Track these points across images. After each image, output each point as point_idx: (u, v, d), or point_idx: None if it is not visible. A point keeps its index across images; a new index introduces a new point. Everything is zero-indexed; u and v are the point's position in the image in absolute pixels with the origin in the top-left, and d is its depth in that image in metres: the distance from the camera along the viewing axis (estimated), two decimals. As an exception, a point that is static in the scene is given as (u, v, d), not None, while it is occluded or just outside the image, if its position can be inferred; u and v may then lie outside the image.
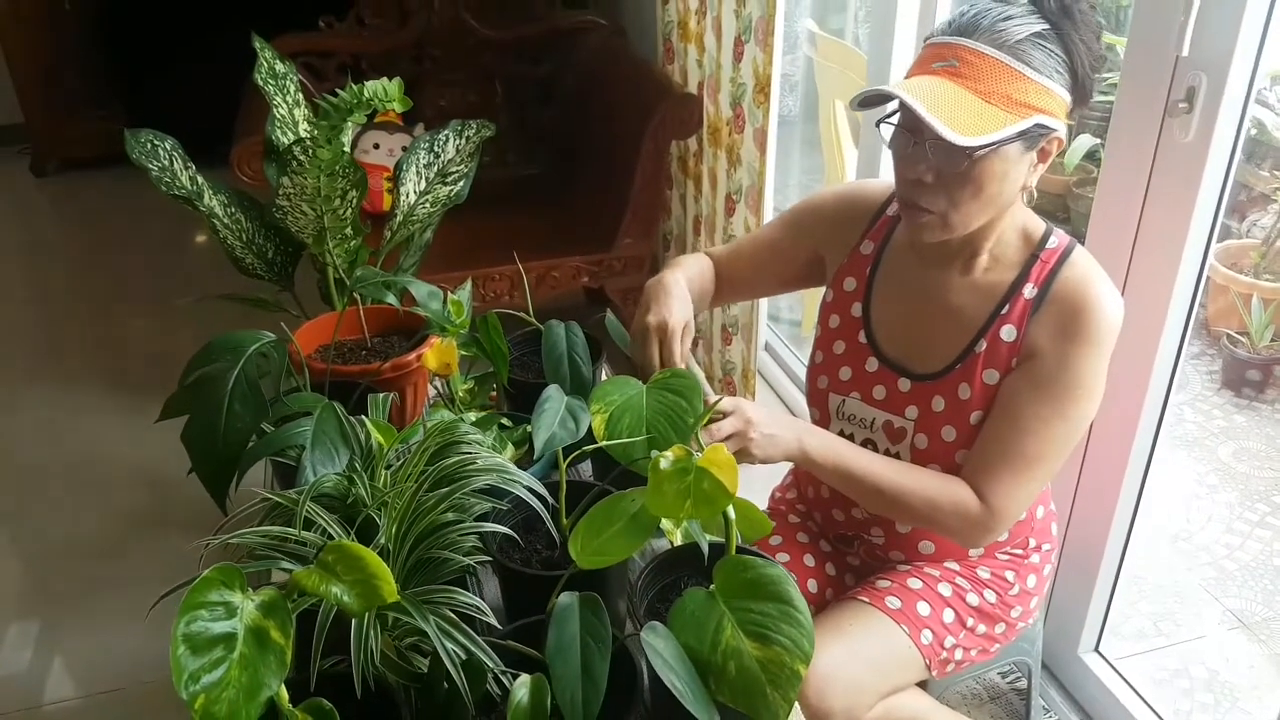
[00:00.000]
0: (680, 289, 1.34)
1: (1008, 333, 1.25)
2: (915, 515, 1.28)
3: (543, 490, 1.08)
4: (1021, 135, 1.13)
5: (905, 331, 1.35)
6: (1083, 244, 1.59)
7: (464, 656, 0.90)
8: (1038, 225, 1.28)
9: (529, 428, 1.39)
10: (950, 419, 1.29)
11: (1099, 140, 3.45)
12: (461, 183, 1.66)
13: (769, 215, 2.23)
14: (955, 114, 1.08)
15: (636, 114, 2.54)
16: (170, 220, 3.91)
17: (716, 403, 1.16)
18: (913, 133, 1.16)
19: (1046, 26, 1.13)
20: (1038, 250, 1.26)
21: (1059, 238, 1.26)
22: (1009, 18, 1.12)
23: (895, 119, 1.19)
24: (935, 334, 1.31)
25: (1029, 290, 1.25)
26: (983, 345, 1.26)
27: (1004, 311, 1.25)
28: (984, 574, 1.40)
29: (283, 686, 0.83)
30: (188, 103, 3.74)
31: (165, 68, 4.23)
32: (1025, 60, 1.11)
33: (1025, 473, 1.23)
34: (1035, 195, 1.23)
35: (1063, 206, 3.79)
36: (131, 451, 2.62)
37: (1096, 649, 1.82)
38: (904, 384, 1.33)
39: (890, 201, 1.40)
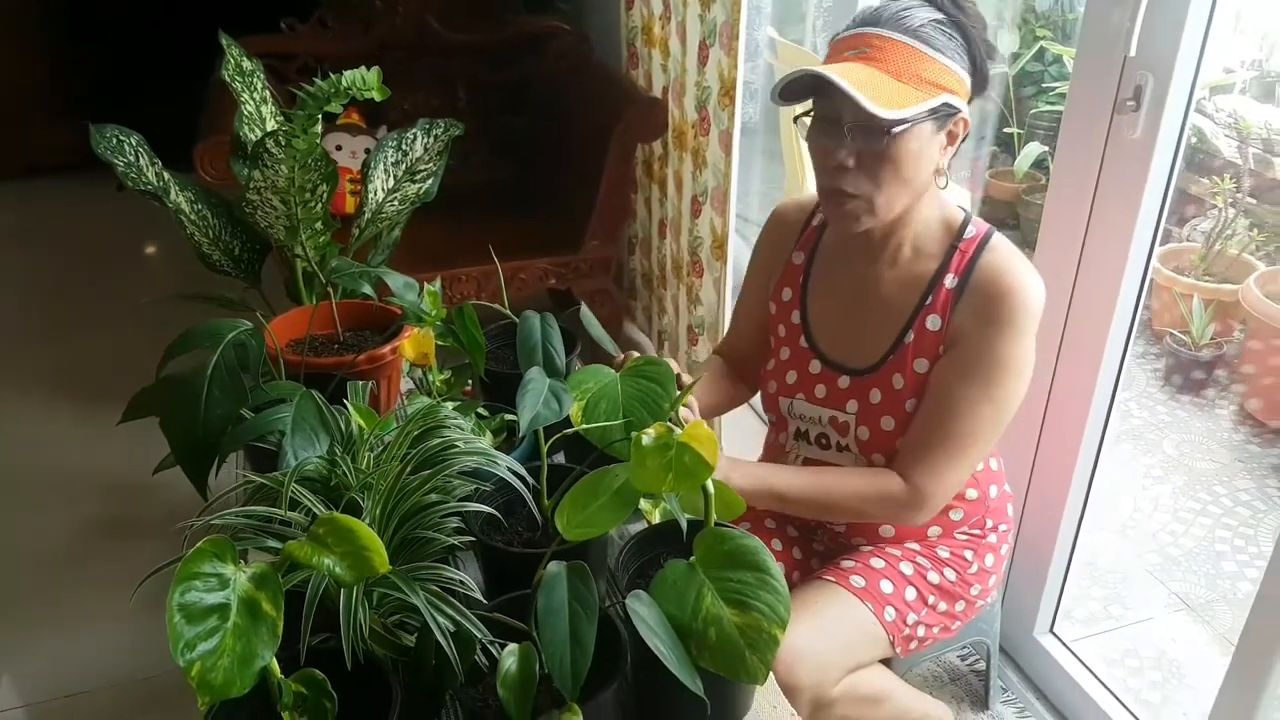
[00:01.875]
0: None
1: (933, 322, 1.31)
2: (848, 512, 1.36)
3: (523, 472, 1.11)
4: (933, 114, 1.20)
5: (841, 330, 1.41)
6: (1034, 247, 1.66)
7: (453, 629, 0.93)
8: (956, 214, 1.34)
9: (506, 417, 1.42)
10: (887, 409, 1.34)
11: (1048, 148, 3.55)
12: (430, 181, 1.68)
13: (734, 217, 2.27)
14: (874, 90, 1.15)
15: (602, 118, 2.56)
16: (128, 229, 3.86)
17: (691, 386, 1.20)
18: (831, 122, 1.22)
19: (943, 15, 1.21)
20: (956, 240, 1.32)
21: (977, 226, 1.33)
22: (908, 8, 1.21)
23: (812, 112, 1.25)
24: (868, 329, 1.37)
25: (950, 280, 1.31)
26: (910, 336, 1.32)
27: (928, 302, 1.32)
28: (944, 553, 1.44)
29: (274, 658, 0.85)
30: (146, 110, 3.69)
31: (123, 75, 4.17)
32: (928, 42, 1.19)
33: (952, 454, 1.29)
34: (949, 180, 1.30)
35: (1013, 214, 3.89)
36: (92, 457, 2.59)
37: (1051, 631, 1.88)
38: (843, 381, 1.39)
39: (815, 212, 1.47)
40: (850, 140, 1.20)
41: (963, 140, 1.27)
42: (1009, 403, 1.29)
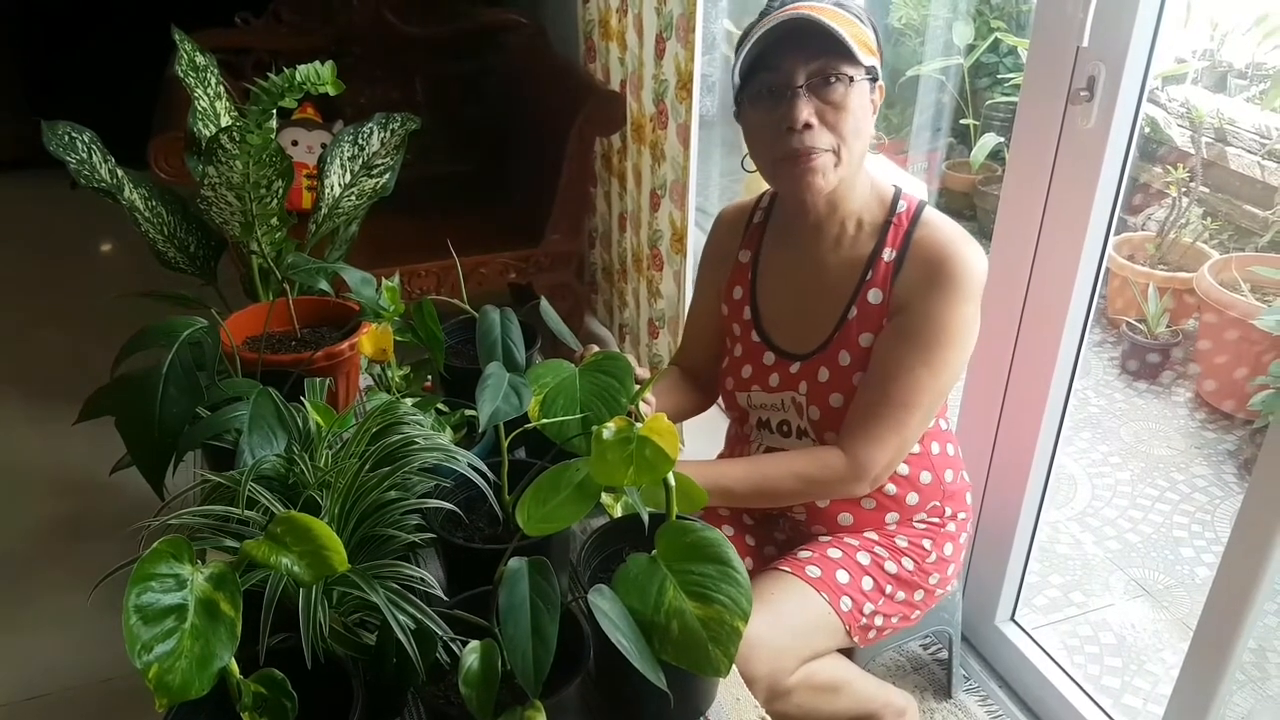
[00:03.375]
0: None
1: (874, 296, 1.34)
2: (793, 494, 1.37)
3: (484, 468, 1.10)
4: (868, 73, 1.24)
5: (791, 320, 1.43)
6: (990, 237, 1.69)
7: (414, 626, 0.92)
8: (888, 189, 1.38)
9: (466, 412, 1.41)
10: (836, 386, 1.36)
11: (1003, 139, 3.58)
12: (387, 175, 1.66)
13: (693, 211, 2.27)
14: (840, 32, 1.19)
15: (561, 112, 2.55)
16: (82, 226, 3.80)
17: (650, 381, 1.20)
18: (779, 91, 1.24)
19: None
20: (890, 215, 1.35)
21: (906, 200, 1.36)
22: None
23: (761, 87, 1.27)
24: (816, 313, 1.39)
25: (888, 254, 1.34)
26: (854, 312, 1.35)
27: (869, 278, 1.34)
28: (902, 543, 1.45)
29: (233, 659, 0.84)
30: (96, 106, 3.63)
31: (72, 70, 4.10)
32: (850, 10, 1.25)
33: (887, 422, 1.30)
34: (881, 140, 1.34)
35: (969, 205, 3.93)
36: (48, 457, 2.55)
37: (1013, 619, 1.90)
38: (795, 367, 1.41)
39: (754, 212, 1.49)
40: (809, 99, 1.23)
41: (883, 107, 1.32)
42: (947, 370, 1.31)
